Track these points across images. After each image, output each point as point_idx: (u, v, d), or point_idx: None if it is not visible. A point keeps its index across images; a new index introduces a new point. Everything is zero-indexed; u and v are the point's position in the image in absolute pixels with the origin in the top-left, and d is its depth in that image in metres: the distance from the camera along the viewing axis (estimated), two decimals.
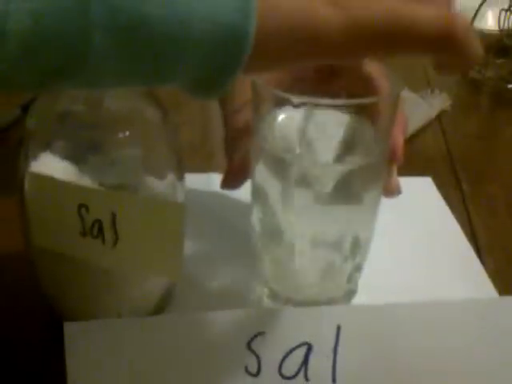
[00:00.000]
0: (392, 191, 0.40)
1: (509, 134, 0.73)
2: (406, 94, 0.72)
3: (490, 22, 0.93)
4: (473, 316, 0.34)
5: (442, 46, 0.26)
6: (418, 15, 0.25)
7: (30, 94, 0.53)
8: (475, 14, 0.88)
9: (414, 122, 0.67)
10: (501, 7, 0.84)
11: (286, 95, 0.33)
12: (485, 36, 0.91)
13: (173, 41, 0.23)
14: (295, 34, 0.25)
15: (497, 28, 0.86)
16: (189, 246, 0.43)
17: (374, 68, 0.35)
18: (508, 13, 0.84)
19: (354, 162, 0.36)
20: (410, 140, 0.65)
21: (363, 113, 0.34)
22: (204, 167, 0.55)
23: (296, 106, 0.35)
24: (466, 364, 0.34)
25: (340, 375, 0.33)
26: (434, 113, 0.71)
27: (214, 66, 0.24)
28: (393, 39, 0.25)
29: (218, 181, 0.43)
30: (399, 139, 0.38)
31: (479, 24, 0.91)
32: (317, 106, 0.34)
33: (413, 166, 0.60)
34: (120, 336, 0.32)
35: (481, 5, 0.87)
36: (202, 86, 0.25)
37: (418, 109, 0.70)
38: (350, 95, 0.34)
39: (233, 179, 0.42)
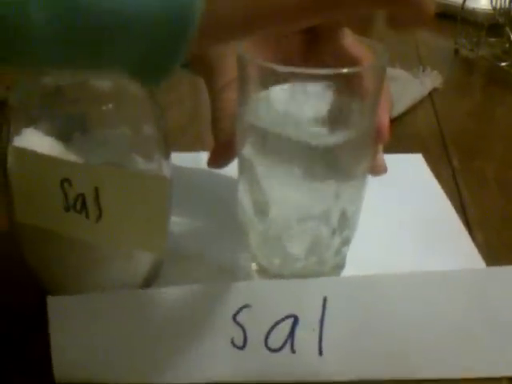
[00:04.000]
0: (378, 170, 0.40)
1: (500, 112, 0.73)
2: (398, 72, 0.72)
3: (483, 0, 0.93)
4: (461, 286, 0.34)
5: (391, 2, 0.26)
6: None
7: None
8: None
9: (405, 100, 0.67)
10: None
11: (272, 66, 0.33)
12: (478, 15, 0.91)
13: (118, 20, 0.22)
14: (247, 3, 0.24)
15: (490, 7, 0.86)
16: (177, 223, 0.43)
17: (356, 44, 0.35)
18: None
19: (341, 134, 0.35)
20: (402, 118, 0.65)
21: (348, 85, 0.34)
22: (193, 146, 0.55)
23: (281, 80, 0.35)
24: (454, 334, 0.34)
25: (326, 347, 0.33)
26: (426, 91, 0.71)
27: (161, 45, 0.24)
28: None
29: (206, 159, 0.43)
30: (385, 118, 0.38)
31: (472, 3, 0.91)
32: (302, 78, 0.33)
33: (404, 143, 0.60)
34: (104, 310, 0.32)
35: None
36: (149, 66, 0.25)
37: (410, 87, 0.70)
38: None
39: (219, 157, 0.42)
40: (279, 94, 0.36)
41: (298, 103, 0.36)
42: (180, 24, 0.23)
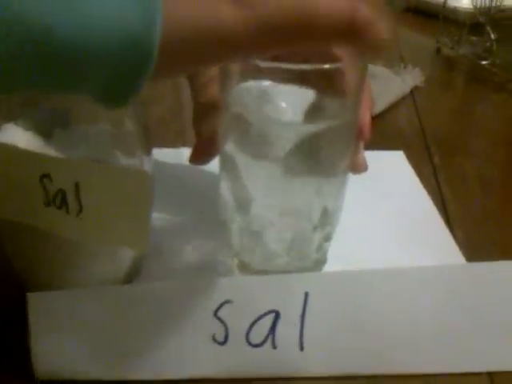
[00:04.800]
0: (359, 168, 0.41)
1: (480, 110, 0.74)
2: (380, 70, 0.72)
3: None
4: (441, 282, 0.35)
5: (345, 37, 0.27)
6: (318, 7, 0.26)
7: None
8: None
9: (387, 98, 0.67)
10: None
11: (253, 61, 0.33)
12: (459, 13, 0.91)
13: (75, 51, 0.23)
14: (201, 37, 0.25)
15: (471, 5, 0.86)
16: (158, 218, 0.43)
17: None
18: None
19: (322, 129, 0.35)
20: (384, 115, 0.65)
21: (329, 81, 0.34)
22: (175, 142, 0.55)
23: (263, 75, 0.35)
24: (435, 329, 0.34)
25: (307, 342, 0.33)
26: (407, 88, 0.72)
27: (120, 76, 0.24)
28: (296, 33, 0.26)
29: (187, 154, 0.42)
30: (366, 116, 0.38)
31: (453, 2, 0.91)
32: (284, 73, 0.33)
33: (386, 141, 0.61)
34: (84, 306, 0.32)
35: None
36: (109, 95, 0.25)
37: (392, 84, 0.70)
38: None
39: (202, 154, 0.42)
40: (261, 88, 0.36)
41: (279, 97, 0.37)
42: (138, 58, 0.24)
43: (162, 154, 0.50)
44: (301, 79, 0.34)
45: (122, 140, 0.37)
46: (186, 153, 0.44)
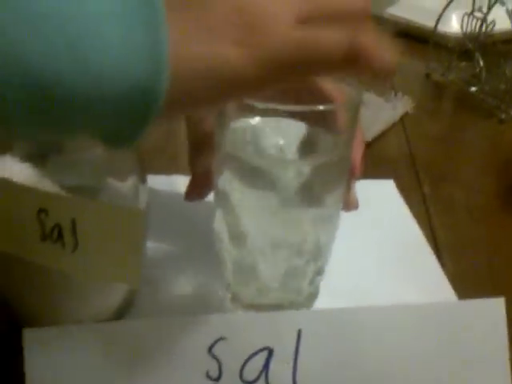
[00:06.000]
0: (350, 205, 0.42)
1: (470, 137, 0.75)
2: (371, 97, 0.73)
3: (454, 25, 0.95)
4: (433, 320, 0.35)
5: (350, 66, 0.27)
6: (320, 40, 0.26)
7: None
8: (439, 18, 0.89)
9: (377, 125, 0.68)
10: (465, 11, 0.86)
11: (250, 101, 0.33)
12: (449, 39, 0.92)
13: (84, 98, 0.23)
14: (209, 81, 0.25)
15: (460, 31, 0.87)
16: (152, 249, 0.43)
17: (328, 83, 0.36)
18: (471, 17, 0.86)
19: (314, 166, 0.36)
20: (374, 143, 0.66)
21: (322, 121, 0.35)
22: (168, 168, 0.55)
23: (258, 114, 0.35)
24: (426, 368, 0.35)
25: (301, 380, 0.33)
26: (397, 116, 0.73)
27: (125, 124, 0.25)
28: (301, 67, 0.27)
29: (181, 182, 0.43)
30: (357, 155, 0.39)
31: (443, 27, 0.92)
32: (278, 114, 0.34)
33: (376, 169, 0.61)
34: (79, 342, 0.32)
35: (445, 8, 0.88)
36: (113, 139, 0.26)
37: (382, 112, 0.71)
38: None
39: (196, 190, 0.42)
40: (255, 125, 0.36)
41: (273, 134, 0.37)
42: (144, 107, 0.24)
43: (154, 181, 0.50)
44: (294, 116, 0.35)
45: (115, 167, 0.37)
46: (179, 180, 0.45)
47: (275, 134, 0.37)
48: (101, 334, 0.32)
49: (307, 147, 0.37)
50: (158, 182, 0.51)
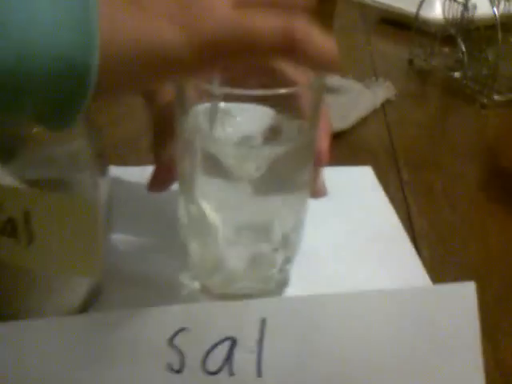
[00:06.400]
0: (318, 193, 0.41)
1: (451, 123, 0.74)
2: (351, 83, 0.72)
3: (436, 10, 0.94)
4: (404, 304, 0.34)
5: (285, 53, 0.27)
6: (255, 24, 0.26)
7: None
8: (421, 3, 0.89)
9: (357, 111, 0.67)
10: None
11: (208, 87, 0.33)
12: (432, 24, 0.92)
13: (11, 75, 0.23)
14: (142, 58, 0.25)
15: (443, 17, 0.86)
16: (118, 241, 0.43)
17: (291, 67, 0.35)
18: (452, 2, 0.85)
19: (278, 149, 0.35)
20: (353, 129, 0.65)
21: (285, 104, 0.34)
22: (146, 161, 0.55)
23: (219, 100, 0.35)
24: (397, 354, 0.34)
25: (266, 369, 0.32)
26: (378, 102, 0.72)
27: (59, 101, 0.24)
28: (236, 50, 0.27)
29: (148, 173, 0.42)
30: (324, 143, 0.38)
31: (426, 12, 0.92)
32: (239, 98, 0.33)
33: (355, 156, 0.61)
34: (42, 336, 0.31)
35: None
36: (49, 119, 0.25)
37: (362, 98, 0.70)
38: None
39: (159, 182, 0.42)
40: (216, 111, 0.36)
41: (235, 120, 0.36)
42: (76, 83, 0.24)
43: (121, 173, 0.50)
44: (258, 101, 0.34)
45: (74, 160, 0.36)
46: (147, 171, 0.44)
47: (238, 119, 0.36)
48: (61, 328, 0.32)
49: (271, 133, 0.37)
50: (124, 173, 0.50)
